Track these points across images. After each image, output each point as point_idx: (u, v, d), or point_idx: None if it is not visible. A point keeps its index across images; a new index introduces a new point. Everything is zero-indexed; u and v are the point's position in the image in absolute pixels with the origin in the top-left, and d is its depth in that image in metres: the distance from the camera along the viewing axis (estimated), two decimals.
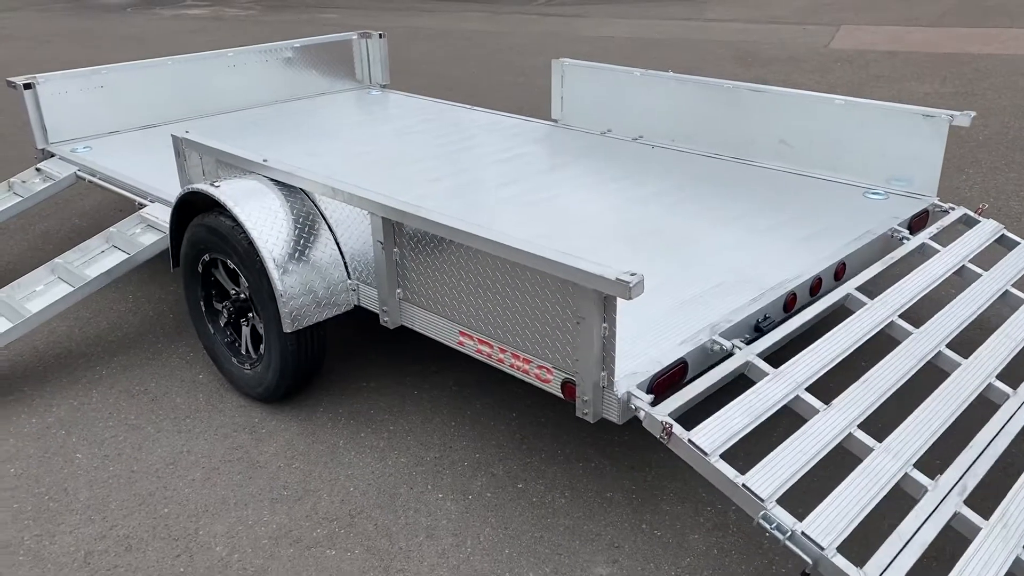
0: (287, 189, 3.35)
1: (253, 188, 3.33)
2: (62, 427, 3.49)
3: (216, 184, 3.33)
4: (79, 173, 4.82)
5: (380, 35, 6.57)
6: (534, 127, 5.44)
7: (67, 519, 2.96)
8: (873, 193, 4.06)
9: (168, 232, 3.72)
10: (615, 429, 3.36)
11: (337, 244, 3.29)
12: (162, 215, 4.13)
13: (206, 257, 3.52)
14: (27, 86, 5.03)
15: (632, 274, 2.31)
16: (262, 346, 3.43)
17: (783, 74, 9.60)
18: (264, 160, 3.42)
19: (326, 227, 3.29)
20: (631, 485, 3.05)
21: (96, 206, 6.15)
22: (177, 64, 5.65)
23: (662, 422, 2.43)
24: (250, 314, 3.52)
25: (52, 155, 5.13)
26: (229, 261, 3.39)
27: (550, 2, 17.39)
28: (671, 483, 3.05)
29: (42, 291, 3.92)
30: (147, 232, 4.15)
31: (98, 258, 4.08)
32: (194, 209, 3.54)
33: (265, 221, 3.21)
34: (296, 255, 3.19)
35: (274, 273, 3.15)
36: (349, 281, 3.30)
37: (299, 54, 6.19)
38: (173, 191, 4.24)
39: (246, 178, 3.41)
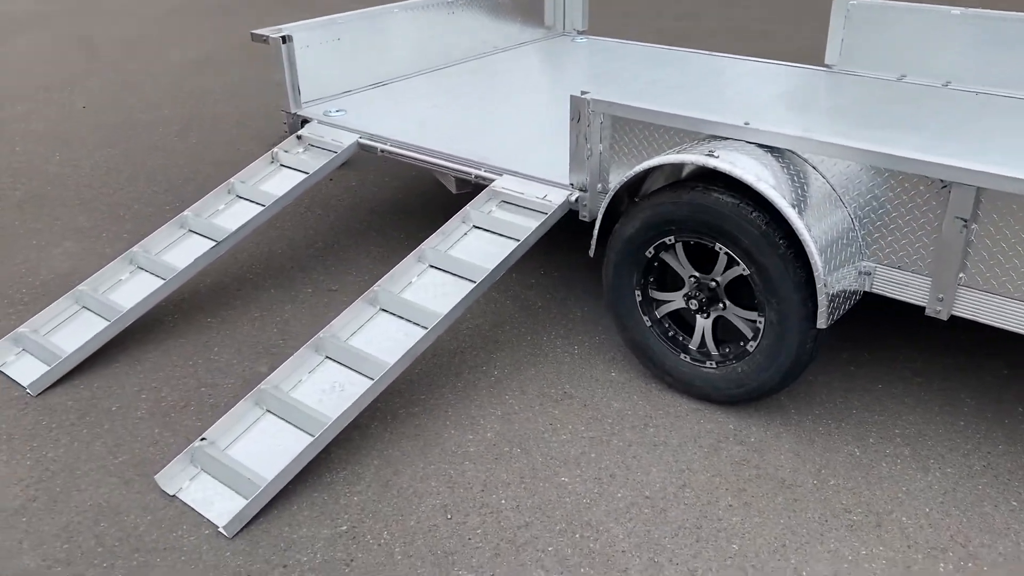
0: (780, 157, 2.85)
1: (758, 158, 2.82)
2: (510, 443, 2.99)
3: (714, 154, 2.80)
4: (363, 141, 4.19)
5: None
6: (810, 74, 4.95)
7: (616, 561, 2.49)
8: None
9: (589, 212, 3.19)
10: None
11: (853, 221, 2.81)
12: (527, 190, 3.59)
13: (669, 239, 3.00)
14: (284, 40, 4.35)
15: None
16: (752, 343, 2.95)
17: None
18: (746, 123, 2.90)
19: (840, 202, 2.81)
20: None
21: None
22: (404, 12, 4.98)
23: None
24: (720, 304, 3.03)
25: (306, 120, 4.47)
26: (718, 245, 2.88)
27: None
28: None
29: (418, 283, 3.36)
30: (504, 210, 3.60)
31: (463, 242, 3.53)
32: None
33: (794, 199, 2.71)
34: (825, 237, 2.71)
35: (817, 259, 2.66)
36: (864, 264, 2.83)
37: None
38: (511, 161, 3.73)
39: (735, 147, 2.89)
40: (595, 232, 3.20)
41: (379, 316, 3.27)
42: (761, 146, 2.90)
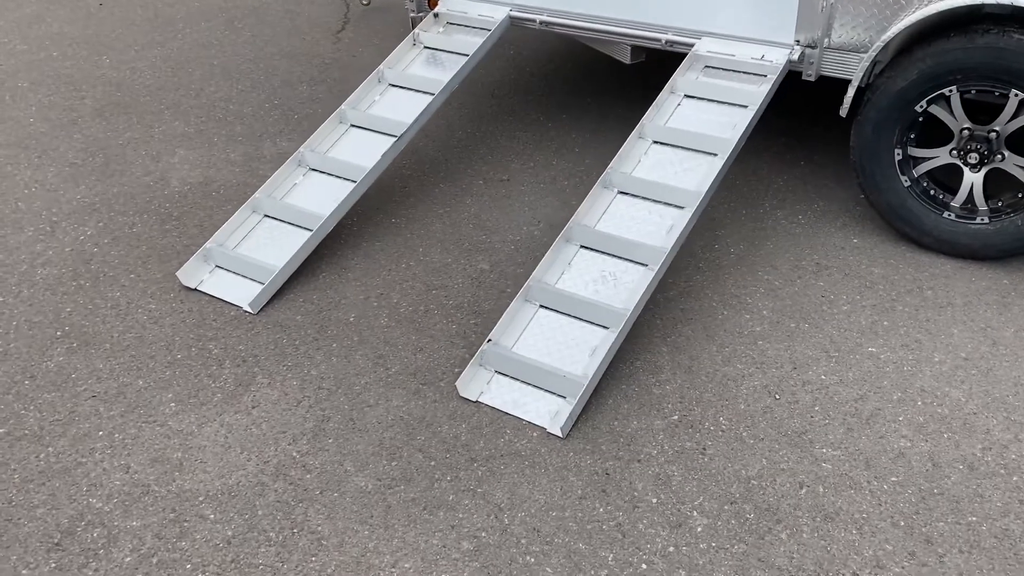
0: None
1: None
2: (792, 319, 2.88)
3: None
4: (514, 14, 3.86)
5: None
6: None
7: (975, 424, 2.44)
8: None
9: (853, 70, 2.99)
10: None
11: None
12: (737, 52, 3.36)
13: (948, 90, 2.84)
14: None
15: None
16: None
17: None
18: None
19: None
20: None
21: None
22: None
23: None
24: (998, 156, 2.91)
25: None
26: (1014, 92, 2.74)
27: None
28: None
29: (647, 161, 3.15)
30: (712, 76, 3.38)
31: (679, 114, 3.31)
32: None
33: None
34: None
35: None
36: None
37: None
38: (702, 21, 3.45)
39: None
40: (851, 91, 3.02)
41: (619, 199, 3.07)
42: None
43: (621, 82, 4.64)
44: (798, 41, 3.23)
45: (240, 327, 2.97)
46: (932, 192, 3.07)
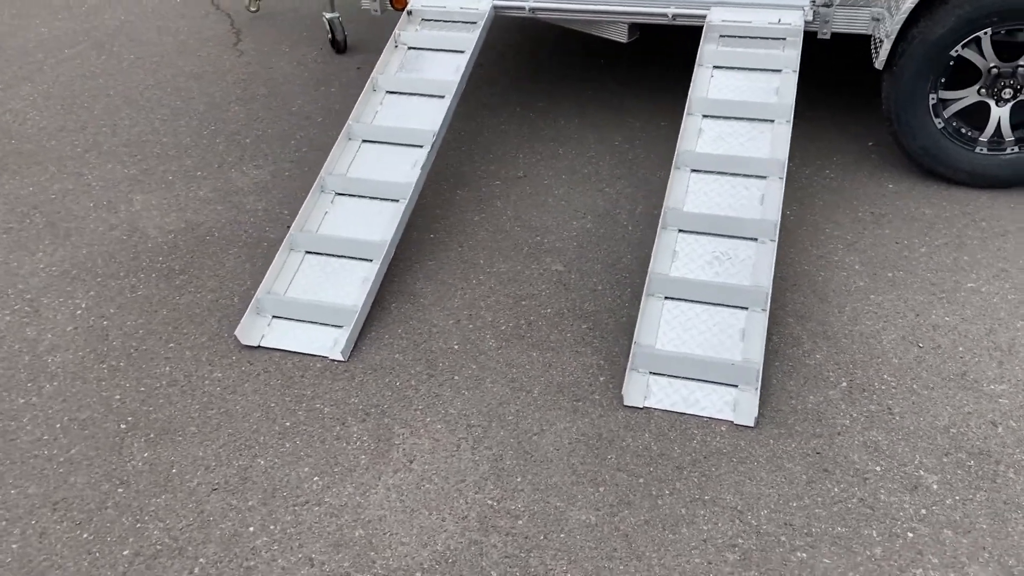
0: None
1: None
2: (885, 269, 2.97)
3: None
4: (499, 3, 3.71)
5: None
6: None
7: None
8: None
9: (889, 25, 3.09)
10: None
11: None
12: (754, 18, 3.42)
13: (984, 32, 3.02)
14: None
15: None
16: None
17: None
18: None
19: None
20: None
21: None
22: None
23: None
24: None
25: None
26: None
27: None
28: None
29: (706, 136, 3.14)
30: (732, 44, 3.41)
31: (715, 85, 3.31)
32: None
33: None
34: None
35: None
36: None
37: None
38: None
39: None
40: (890, 44, 3.12)
41: (694, 177, 3.02)
42: None
43: (579, 64, 4.58)
44: (813, 1, 3.30)
45: (338, 378, 2.66)
46: (963, 130, 3.26)
